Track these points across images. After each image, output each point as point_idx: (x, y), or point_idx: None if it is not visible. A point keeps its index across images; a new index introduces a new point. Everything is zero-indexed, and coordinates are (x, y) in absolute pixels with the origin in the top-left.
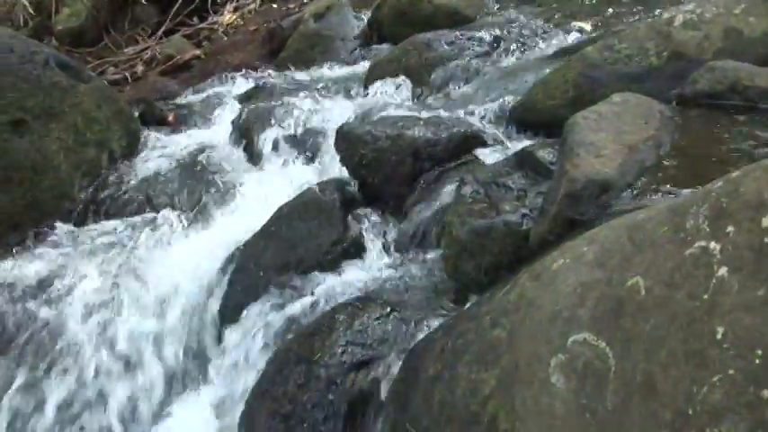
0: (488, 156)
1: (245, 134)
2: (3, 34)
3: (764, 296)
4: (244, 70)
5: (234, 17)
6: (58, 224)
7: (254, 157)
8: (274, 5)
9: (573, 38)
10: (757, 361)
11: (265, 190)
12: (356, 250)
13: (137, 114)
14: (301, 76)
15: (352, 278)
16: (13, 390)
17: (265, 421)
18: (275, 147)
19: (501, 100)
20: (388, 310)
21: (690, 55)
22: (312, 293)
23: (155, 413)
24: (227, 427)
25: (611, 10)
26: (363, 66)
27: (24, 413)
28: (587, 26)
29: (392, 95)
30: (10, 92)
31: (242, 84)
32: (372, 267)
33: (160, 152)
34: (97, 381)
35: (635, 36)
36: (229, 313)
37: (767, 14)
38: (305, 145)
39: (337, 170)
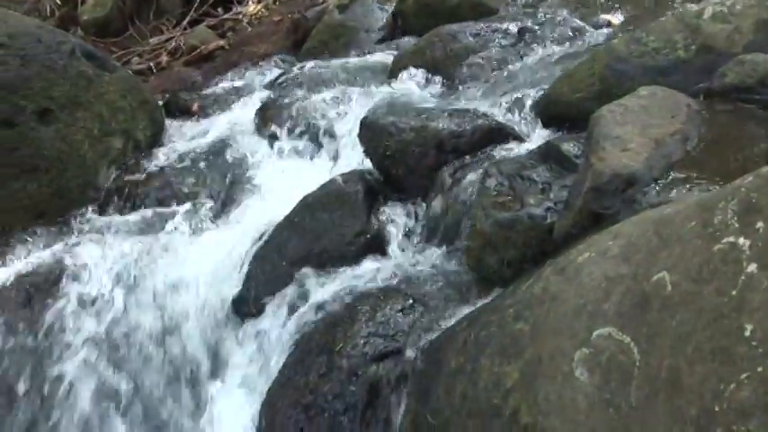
0: (513, 148)
1: (268, 124)
2: (30, 24)
3: None
4: (268, 61)
5: (258, 8)
6: (83, 212)
7: (277, 147)
8: None
9: (599, 30)
10: None
11: (289, 180)
12: (379, 241)
13: (161, 104)
14: (325, 67)
15: (375, 269)
16: None
17: (286, 411)
18: (299, 137)
19: (526, 92)
20: (411, 301)
21: (719, 48)
22: (335, 284)
23: (171, 401)
24: (247, 415)
25: (639, 2)
26: (388, 57)
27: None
28: (614, 18)
29: (417, 87)
30: (37, 81)
31: (266, 74)
32: (395, 259)
33: (184, 142)
34: (111, 370)
35: (663, 29)
36: (252, 303)
37: None
38: (329, 136)
39: (361, 161)
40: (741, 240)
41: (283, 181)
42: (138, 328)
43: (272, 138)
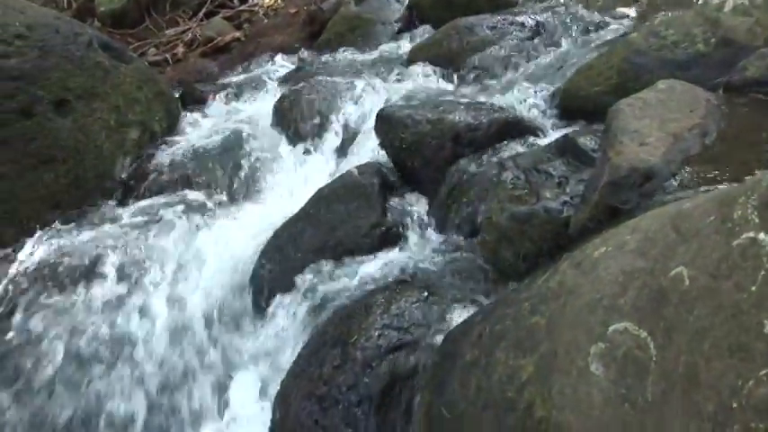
0: (530, 142)
1: (284, 116)
2: (48, 15)
3: None
4: (284, 53)
5: (274, 0)
6: (100, 203)
7: (293, 138)
8: None
9: (617, 23)
10: None
11: (305, 172)
12: (394, 234)
13: (177, 95)
14: (341, 59)
15: (390, 261)
16: None
17: (300, 402)
18: (315, 129)
19: (543, 85)
20: (426, 294)
21: (739, 41)
22: (349, 276)
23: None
24: (261, 408)
25: None
26: (404, 49)
27: None
28: (632, 12)
29: (433, 79)
30: (54, 72)
31: (282, 66)
32: (410, 251)
33: (200, 133)
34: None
35: (682, 22)
36: (267, 294)
37: None
38: (344, 127)
39: (377, 153)
40: (761, 236)
41: (299, 172)
42: (157, 316)
43: (288, 129)
